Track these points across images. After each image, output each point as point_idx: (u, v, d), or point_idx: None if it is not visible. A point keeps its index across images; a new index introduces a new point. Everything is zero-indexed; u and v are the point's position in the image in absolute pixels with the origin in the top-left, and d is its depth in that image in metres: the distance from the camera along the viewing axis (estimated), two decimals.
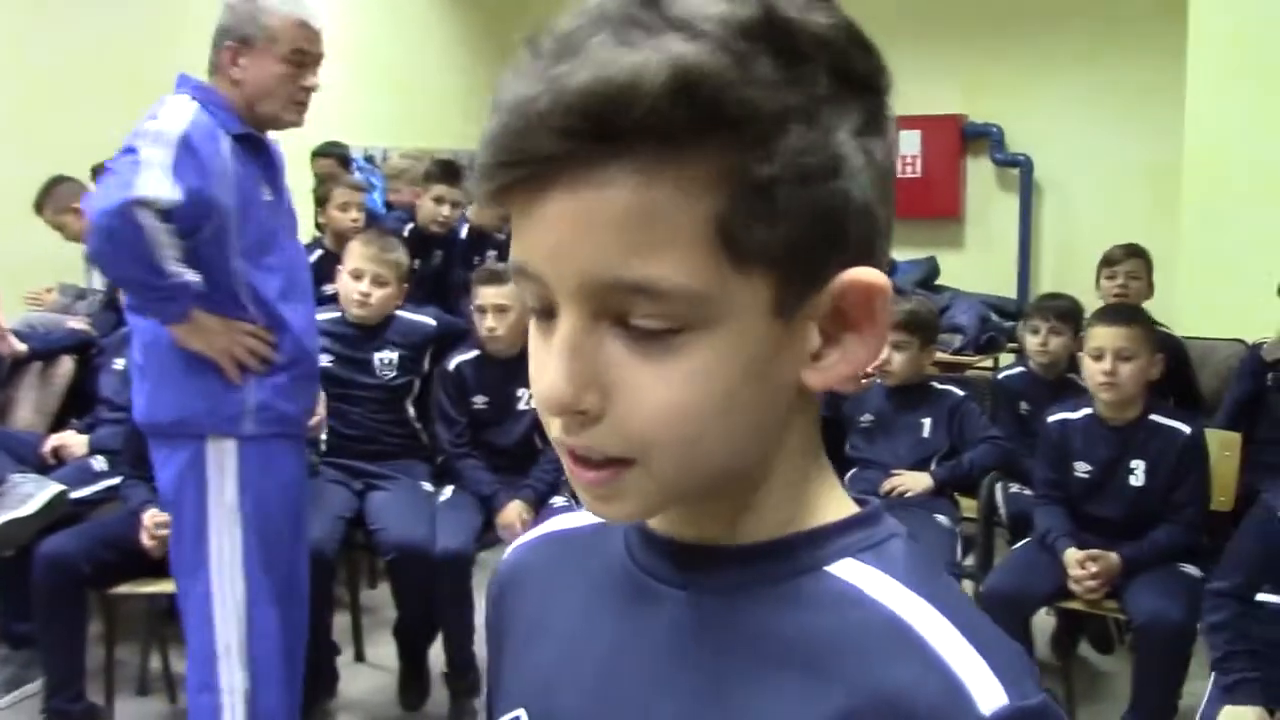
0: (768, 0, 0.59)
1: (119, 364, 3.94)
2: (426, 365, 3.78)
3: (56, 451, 3.84)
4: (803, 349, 0.63)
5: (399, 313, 3.75)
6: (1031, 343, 3.94)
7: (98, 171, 4.42)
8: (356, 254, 3.66)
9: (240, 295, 2.59)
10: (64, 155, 4.93)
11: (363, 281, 3.61)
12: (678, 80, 0.55)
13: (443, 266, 4.79)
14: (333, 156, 5.81)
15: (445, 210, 4.77)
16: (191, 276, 2.46)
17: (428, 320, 3.84)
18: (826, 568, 0.65)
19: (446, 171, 4.81)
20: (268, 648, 2.69)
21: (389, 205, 5.91)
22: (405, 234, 4.57)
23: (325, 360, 3.68)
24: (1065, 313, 3.94)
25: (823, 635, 0.63)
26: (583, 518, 0.78)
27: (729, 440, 0.62)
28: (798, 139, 0.58)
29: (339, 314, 3.70)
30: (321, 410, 3.67)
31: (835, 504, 0.68)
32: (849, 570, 0.65)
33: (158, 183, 2.38)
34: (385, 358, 3.71)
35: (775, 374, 0.62)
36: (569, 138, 0.56)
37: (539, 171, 0.58)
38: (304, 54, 2.62)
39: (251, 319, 2.61)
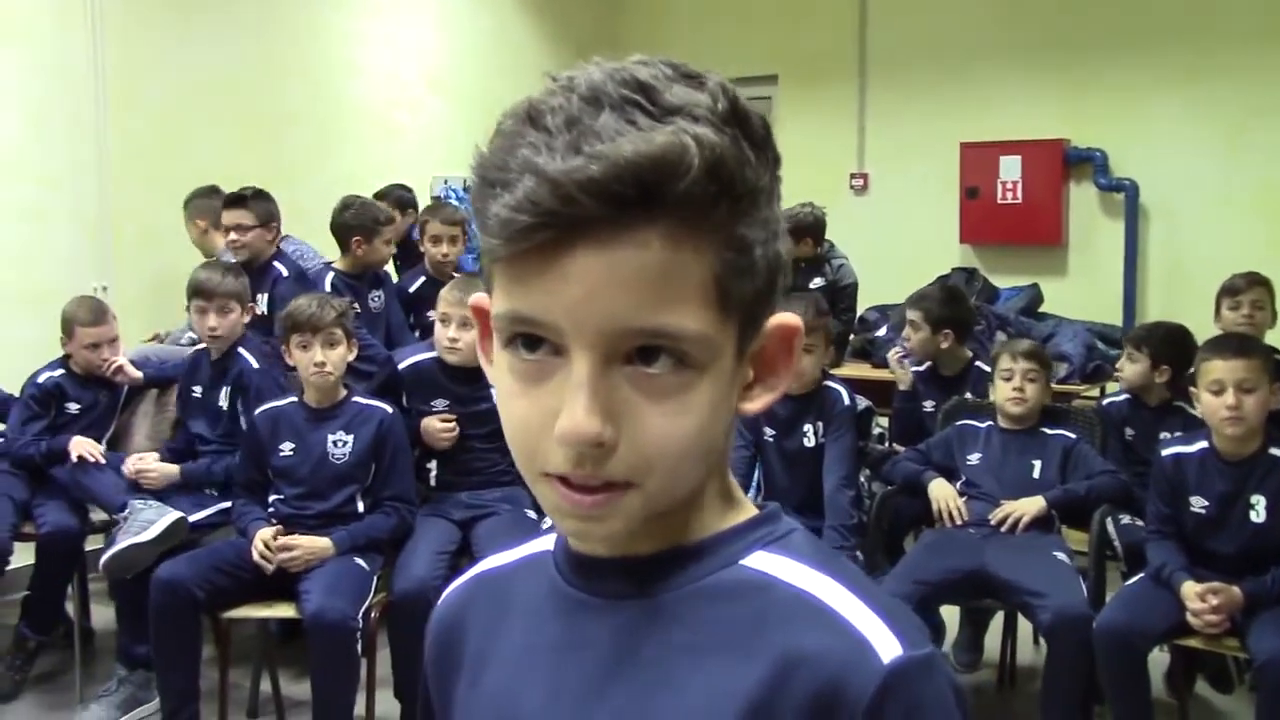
0: (730, 93, 0.70)
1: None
2: None
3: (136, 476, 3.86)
4: (742, 383, 0.75)
5: None
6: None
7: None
8: (441, 299, 3.75)
9: None
10: (180, 186, 5.09)
11: (449, 327, 3.69)
12: (710, 158, 0.66)
13: None
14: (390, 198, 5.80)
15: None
16: None
17: None
18: (741, 561, 0.76)
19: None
20: None
21: None
22: None
23: (440, 405, 3.77)
24: (1141, 339, 3.90)
25: (743, 618, 0.73)
26: (508, 556, 0.89)
27: (702, 459, 0.73)
28: (766, 210, 0.71)
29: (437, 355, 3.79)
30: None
31: (740, 509, 0.79)
32: (760, 561, 0.76)
33: None
34: None
35: (732, 403, 0.74)
36: (616, 203, 0.65)
37: (567, 232, 0.66)
38: None
39: None
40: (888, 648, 0.70)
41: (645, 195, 0.65)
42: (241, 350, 3.94)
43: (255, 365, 3.91)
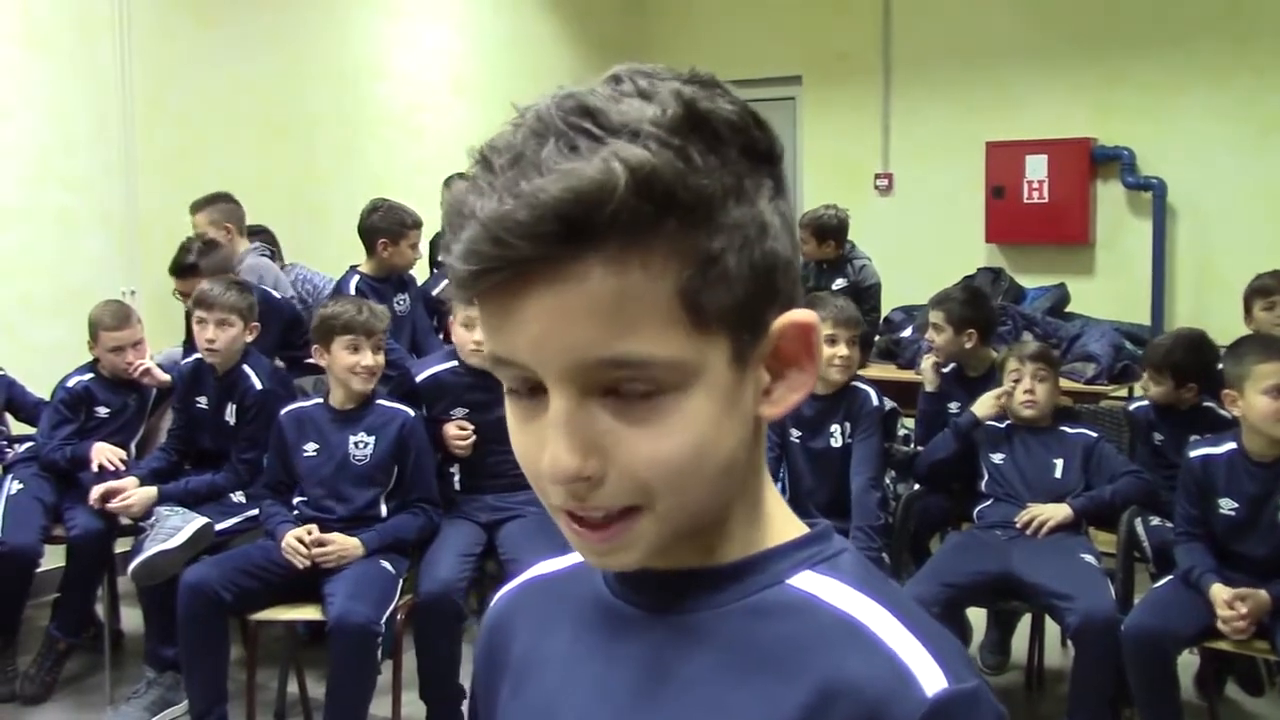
0: (686, 98, 0.67)
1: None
2: None
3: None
4: (758, 387, 0.72)
5: None
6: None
7: None
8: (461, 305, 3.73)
9: None
10: (207, 190, 5.10)
11: (475, 331, 3.68)
12: (638, 179, 0.63)
13: None
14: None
15: None
16: None
17: None
18: (787, 581, 0.74)
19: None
20: None
21: None
22: None
23: (460, 414, 3.76)
24: (1160, 362, 3.85)
25: (786, 640, 0.71)
26: (560, 562, 0.87)
27: (715, 474, 0.70)
28: (735, 213, 0.67)
29: (457, 362, 3.78)
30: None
31: (788, 525, 0.78)
32: (806, 581, 0.74)
33: None
34: None
35: (742, 411, 0.71)
36: (546, 242, 0.64)
37: (516, 274, 0.65)
38: None
39: None
40: (932, 679, 0.68)
41: (573, 230, 0.63)
42: (246, 368, 3.93)
43: (259, 386, 3.90)
